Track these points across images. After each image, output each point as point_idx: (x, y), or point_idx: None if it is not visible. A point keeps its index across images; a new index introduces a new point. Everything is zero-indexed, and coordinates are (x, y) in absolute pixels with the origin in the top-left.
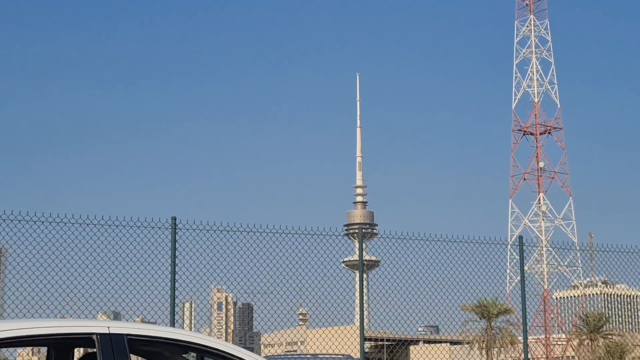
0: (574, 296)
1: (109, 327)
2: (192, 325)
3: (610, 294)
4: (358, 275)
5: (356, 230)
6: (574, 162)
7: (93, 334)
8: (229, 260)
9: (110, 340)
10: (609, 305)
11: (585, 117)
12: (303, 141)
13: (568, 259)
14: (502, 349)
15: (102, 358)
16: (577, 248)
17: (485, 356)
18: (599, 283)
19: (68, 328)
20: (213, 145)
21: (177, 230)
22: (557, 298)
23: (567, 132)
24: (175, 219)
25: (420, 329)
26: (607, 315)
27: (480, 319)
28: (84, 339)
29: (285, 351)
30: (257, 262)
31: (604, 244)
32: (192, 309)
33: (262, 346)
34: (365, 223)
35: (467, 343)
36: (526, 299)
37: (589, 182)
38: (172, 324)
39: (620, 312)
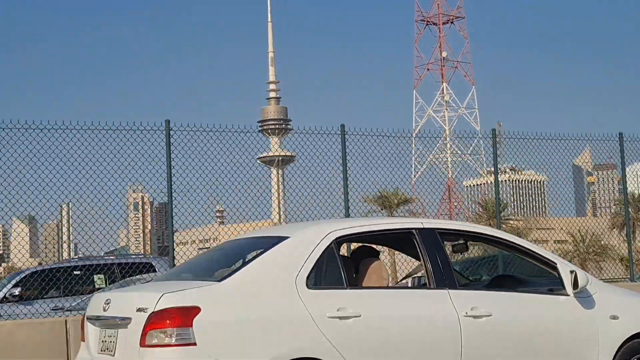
0: (485, 184)
1: (422, 223)
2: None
3: (519, 181)
4: (273, 171)
5: (270, 127)
6: (477, 51)
7: (413, 229)
8: (143, 160)
9: (427, 233)
10: (518, 191)
11: (487, 5)
12: (213, 39)
13: (471, 148)
14: None
15: (422, 246)
16: (480, 136)
17: None
18: (507, 170)
19: (397, 225)
20: (128, 45)
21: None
22: (468, 186)
23: (469, 21)
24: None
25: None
26: (505, 201)
27: (382, 209)
28: (405, 233)
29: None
30: (172, 161)
31: (511, 132)
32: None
33: (175, 244)
34: (279, 119)
35: None
36: (431, 188)
37: (492, 71)
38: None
39: (529, 198)
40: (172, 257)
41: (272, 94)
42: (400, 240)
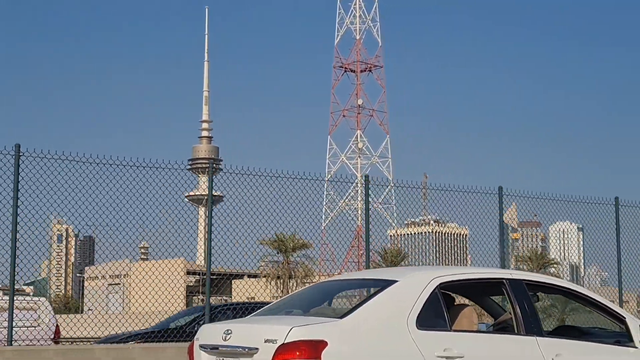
0: (411, 234)
1: (511, 274)
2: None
3: (442, 233)
4: (201, 209)
5: (201, 165)
6: (394, 101)
7: (504, 279)
8: (70, 191)
9: (515, 283)
10: (441, 243)
11: (406, 55)
12: (149, 74)
13: (382, 197)
14: (298, 282)
15: (512, 295)
16: (392, 185)
17: (281, 287)
18: (432, 222)
19: (491, 274)
20: (57, 71)
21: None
22: (392, 235)
23: (387, 70)
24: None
25: (262, 263)
26: (405, 251)
27: (278, 253)
28: (496, 283)
29: (109, 284)
30: (99, 194)
31: (436, 183)
32: None
33: (85, 280)
34: (210, 158)
35: (264, 276)
36: (340, 235)
37: (407, 121)
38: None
39: (452, 251)
40: None
41: (205, 133)
42: (489, 289)
